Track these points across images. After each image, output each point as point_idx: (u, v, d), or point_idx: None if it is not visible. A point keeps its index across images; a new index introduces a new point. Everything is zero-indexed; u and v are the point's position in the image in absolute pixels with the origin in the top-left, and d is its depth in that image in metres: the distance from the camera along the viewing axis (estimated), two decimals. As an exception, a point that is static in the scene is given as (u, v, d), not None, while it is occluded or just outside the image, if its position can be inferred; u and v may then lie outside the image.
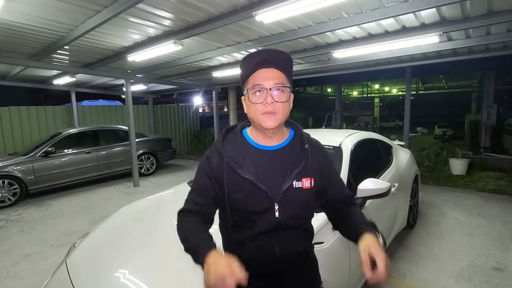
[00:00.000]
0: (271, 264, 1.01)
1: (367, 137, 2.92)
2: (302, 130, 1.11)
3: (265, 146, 1.03)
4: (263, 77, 0.95)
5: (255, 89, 0.96)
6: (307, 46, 4.80)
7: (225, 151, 1.02)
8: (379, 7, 3.09)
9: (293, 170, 0.99)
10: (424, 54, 5.24)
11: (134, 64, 5.60)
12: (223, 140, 1.07)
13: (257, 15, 2.91)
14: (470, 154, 7.80)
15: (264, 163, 1.00)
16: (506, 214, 4.05)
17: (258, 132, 1.03)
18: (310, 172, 1.02)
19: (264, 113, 0.95)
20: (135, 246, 1.79)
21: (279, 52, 0.98)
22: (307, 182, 1.01)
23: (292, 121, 1.14)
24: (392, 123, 26.47)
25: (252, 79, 0.97)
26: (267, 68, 0.96)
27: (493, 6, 3.11)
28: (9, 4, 2.82)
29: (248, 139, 1.05)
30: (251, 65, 0.97)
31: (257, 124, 0.98)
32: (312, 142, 1.10)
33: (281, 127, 1.02)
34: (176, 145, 11.13)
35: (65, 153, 6.03)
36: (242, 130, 1.09)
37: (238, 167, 0.98)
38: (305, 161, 1.02)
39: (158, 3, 2.97)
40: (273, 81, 0.95)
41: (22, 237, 3.86)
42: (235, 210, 1.00)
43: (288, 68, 0.99)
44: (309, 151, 1.04)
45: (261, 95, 0.95)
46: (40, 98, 15.56)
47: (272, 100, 0.94)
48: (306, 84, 17.65)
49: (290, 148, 1.04)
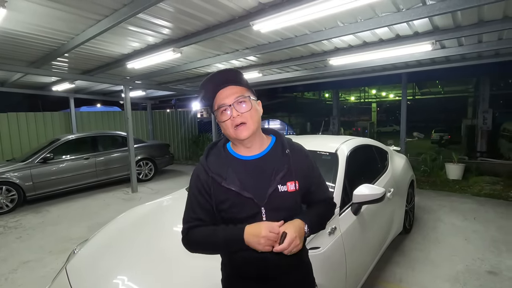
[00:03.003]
0: (263, 267, 1.06)
1: (362, 143, 2.97)
2: (283, 136, 1.19)
3: (247, 156, 1.11)
4: (223, 97, 1.05)
5: (221, 109, 1.05)
6: (304, 53, 4.88)
7: (210, 166, 1.10)
8: (373, 17, 3.17)
9: (277, 174, 1.06)
10: (418, 61, 5.34)
11: (133, 71, 5.66)
12: (208, 155, 1.15)
13: (254, 24, 2.98)
14: (466, 158, 7.88)
15: (248, 172, 1.07)
16: (501, 218, 4.10)
17: (238, 143, 1.11)
18: (294, 175, 1.08)
19: (236, 127, 1.03)
20: (134, 252, 1.81)
21: (227, 70, 1.07)
22: (291, 185, 1.07)
23: (273, 129, 1.23)
24: (389, 127, 26.64)
25: (216, 102, 1.06)
26: (224, 88, 1.05)
27: (484, 15, 3.20)
28: (11, 13, 2.88)
29: (231, 152, 1.13)
30: (209, 92, 1.07)
31: (233, 138, 1.07)
32: (294, 146, 1.17)
33: (257, 136, 1.10)
34: (174, 151, 11.15)
35: (63, 159, 6.04)
36: (226, 143, 1.17)
37: (222, 180, 1.05)
38: (288, 165, 1.08)
39: (157, 12, 3.03)
40: (232, 96, 1.04)
41: (20, 244, 3.85)
42: (225, 218, 1.08)
43: (241, 80, 1.08)
44: (291, 155, 1.11)
45: (227, 113, 1.04)
46: (38, 104, 15.57)
47: (237, 113, 1.03)
48: (303, 89, 17.79)
49: (272, 155, 1.11)
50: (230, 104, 1.03)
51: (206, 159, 1.13)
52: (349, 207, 2.11)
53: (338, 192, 2.09)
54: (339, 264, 1.83)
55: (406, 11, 2.95)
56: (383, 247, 2.74)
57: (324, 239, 1.75)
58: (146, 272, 1.61)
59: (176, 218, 2.13)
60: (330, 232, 1.81)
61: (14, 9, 2.82)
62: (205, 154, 1.15)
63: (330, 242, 1.78)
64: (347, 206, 2.11)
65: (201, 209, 1.09)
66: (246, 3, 2.83)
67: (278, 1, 2.77)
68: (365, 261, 2.28)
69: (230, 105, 1.03)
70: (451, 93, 22.57)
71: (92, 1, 2.71)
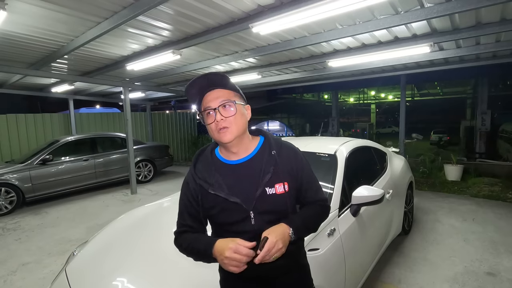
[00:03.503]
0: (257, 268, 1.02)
1: (361, 144, 2.98)
2: (270, 136, 1.17)
3: (233, 161, 1.10)
4: (209, 100, 1.05)
5: (206, 111, 1.05)
6: (303, 55, 4.90)
7: (197, 174, 1.10)
8: (371, 19, 3.20)
9: (263, 177, 1.04)
10: (417, 63, 5.37)
11: (132, 72, 5.67)
12: (196, 162, 1.15)
13: (254, 26, 3.00)
14: (465, 160, 7.91)
15: (234, 177, 1.07)
16: (500, 220, 4.12)
17: (224, 148, 1.11)
18: (282, 177, 1.06)
19: (219, 130, 1.03)
20: (134, 254, 1.81)
21: (213, 74, 1.07)
22: (280, 187, 1.05)
23: (262, 129, 1.22)
24: (388, 129, 26.71)
25: (203, 104, 1.07)
26: (211, 91, 1.06)
27: (481, 18, 3.23)
28: (11, 15, 2.88)
29: (219, 157, 1.14)
30: (195, 94, 1.08)
31: (218, 141, 1.08)
32: (283, 146, 1.14)
33: (243, 139, 1.09)
34: (174, 152, 11.16)
35: (62, 160, 6.04)
36: (214, 149, 1.17)
37: (209, 186, 1.06)
38: (274, 166, 1.06)
39: (157, 15, 3.05)
40: (218, 100, 1.04)
41: (19, 245, 3.85)
42: (214, 223, 1.10)
43: (228, 84, 1.08)
44: (278, 155, 1.09)
45: (212, 116, 1.04)
46: (37, 105, 15.57)
47: (221, 117, 1.03)
48: (303, 91, 17.82)
49: (259, 157, 1.09)
50: (215, 108, 1.03)
51: (194, 167, 1.13)
52: (348, 208, 2.12)
53: (337, 194, 2.10)
54: (338, 265, 1.83)
55: (405, 13, 2.97)
56: (382, 248, 2.74)
57: (323, 241, 1.76)
58: (145, 273, 1.61)
59: (175, 220, 2.15)
60: (329, 233, 1.82)
61: (14, 11, 2.83)
62: (193, 161, 1.16)
63: (329, 244, 1.78)
64: (346, 208, 2.12)
65: (189, 215, 1.11)
66: (246, 6, 2.85)
67: (277, 4, 2.79)
68: (364, 262, 2.29)
69: (215, 109, 1.03)
70: (450, 94, 22.64)
71: (92, 3, 2.73)
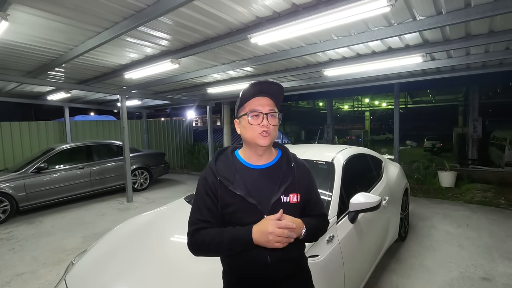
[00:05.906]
0: (264, 272, 1.09)
1: (358, 152, 3.04)
2: (288, 150, 1.27)
3: (255, 165, 1.17)
4: (260, 104, 1.12)
5: (253, 113, 1.11)
6: (299, 64, 5.00)
7: (218, 170, 1.15)
8: (366, 31, 3.30)
9: (281, 185, 1.13)
10: (410, 72, 5.50)
11: (130, 80, 5.70)
12: (216, 160, 1.21)
13: (251, 37, 3.07)
14: (458, 166, 8.04)
15: (254, 180, 1.13)
16: (493, 225, 4.19)
17: (250, 151, 1.17)
18: (297, 188, 1.15)
19: (261, 133, 1.10)
20: (133, 262, 1.82)
21: (273, 84, 1.15)
22: (293, 197, 1.14)
23: (280, 143, 1.30)
24: (382, 136, 27.01)
25: (250, 105, 1.13)
26: (263, 97, 1.14)
27: (471, 30, 3.36)
28: (12, 25, 2.91)
29: (240, 159, 1.19)
30: (249, 94, 1.14)
31: (253, 143, 1.13)
32: (299, 162, 1.24)
33: (270, 146, 1.18)
34: (170, 160, 11.11)
35: (57, 169, 5.98)
36: (233, 151, 1.24)
37: (230, 184, 1.11)
38: (292, 177, 1.15)
39: (156, 25, 3.10)
40: (268, 107, 1.13)
41: (13, 255, 3.78)
42: (229, 222, 1.12)
43: (279, 98, 1.17)
44: (295, 169, 1.18)
45: (258, 119, 1.11)
46: (31, 113, 15.43)
47: (267, 123, 1.11)
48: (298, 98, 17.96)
49: (278, 167, 1.18)
50: (265, 113, 1.11)
51: (215, 163, 1.18)
52: (346, 215, 2.16)
53: (335, 201, 2.14)
54: (338, 271, 1.86)
55: (398, 25, 3.08)
56: (380, 255, 2.78)
57: (322, 247, 1.78)
58: (145, 282, 1.61)
59: (175, 228, 2.16)
60: (328, 240, 1.85)
61: (15, 21, 2.86)
62: (214, 158, 1.21)
63: (329, 250, 1.81)
64: (344, 214, 2.15)
65: (208, 210, 1.13)
66: (244, 17, 2.92)
67: (275, 16, 2.87)
68: (363, 269, 2.31)
69: (264, 114, 1.10)
70: (442, 102, 23.03)
71: (94, 14, 2.77)
